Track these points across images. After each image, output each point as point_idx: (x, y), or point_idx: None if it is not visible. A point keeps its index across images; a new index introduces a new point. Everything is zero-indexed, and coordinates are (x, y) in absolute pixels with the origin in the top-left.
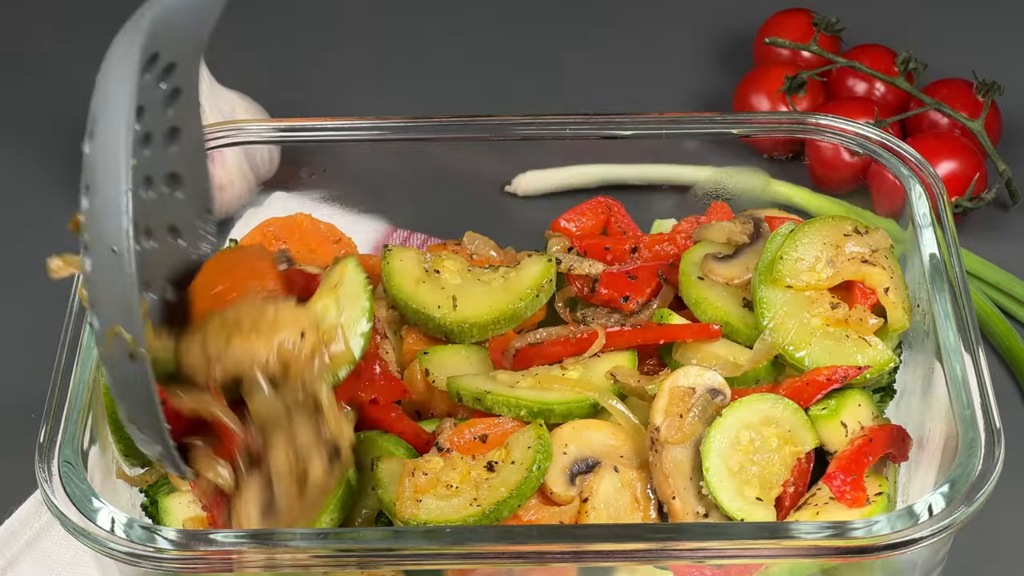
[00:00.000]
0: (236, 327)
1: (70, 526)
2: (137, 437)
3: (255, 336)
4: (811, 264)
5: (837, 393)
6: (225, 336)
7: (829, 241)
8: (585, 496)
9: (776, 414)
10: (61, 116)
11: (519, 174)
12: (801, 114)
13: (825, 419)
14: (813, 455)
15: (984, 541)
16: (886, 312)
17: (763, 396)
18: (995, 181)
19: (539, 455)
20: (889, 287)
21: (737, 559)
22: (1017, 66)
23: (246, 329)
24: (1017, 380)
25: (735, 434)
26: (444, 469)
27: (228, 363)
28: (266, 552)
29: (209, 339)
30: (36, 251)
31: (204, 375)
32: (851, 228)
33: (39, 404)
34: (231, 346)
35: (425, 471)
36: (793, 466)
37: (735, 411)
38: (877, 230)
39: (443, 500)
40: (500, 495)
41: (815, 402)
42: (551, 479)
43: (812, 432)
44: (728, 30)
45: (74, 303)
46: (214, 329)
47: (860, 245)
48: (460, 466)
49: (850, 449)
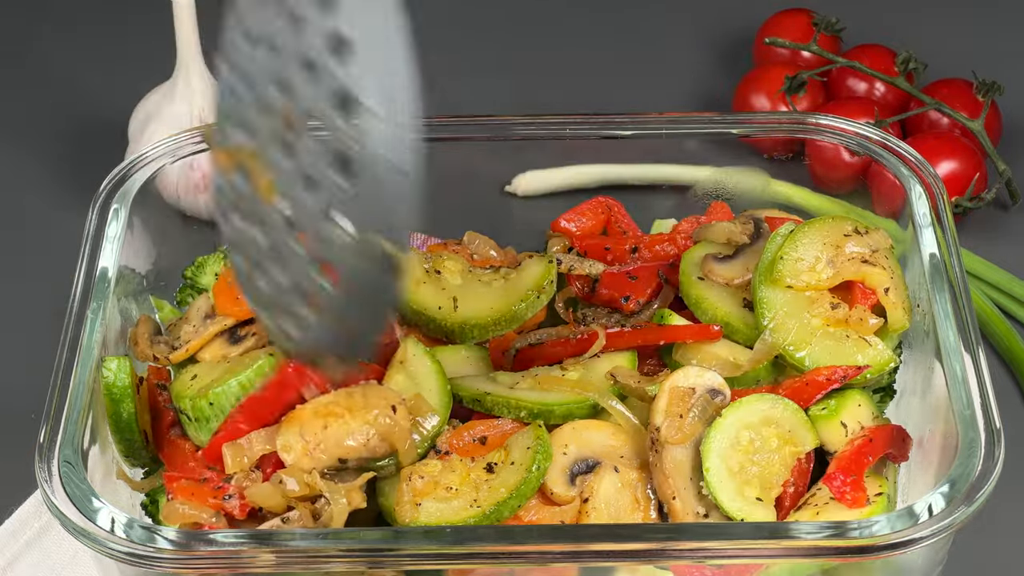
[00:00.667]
0: (330, 414)
1: (70, 526)
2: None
3: (350, 417)
4: (811, 264)
5: (837, 393)
6: (322, 423)
7: (829, 241)
8: (585, 496)
9: (776, 414)
10: (61, 116)
11: (519, 174)
12: (801, 114)
13: (825, 419)
14: (813, 455)
15: (984, 541)
16: (886, 312)
17: (763, 396)
18: (995, 181)
19: (539, 455)
20: (889, 287)
21: (737, 559)
22: (1017, 66)
23: (341, 413)
24: (1017, 380)
25: (735, 434)
26: (443, 472)
27: (330, 445)
28: (266, 552)
29: (306, 428)
30: (36, 251)
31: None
32: (851, 228)
33: (39, 404)
34: (329, 430)
35: (422, 474)
36: (793, 466)
37: (735, 411)
38: (877, 230)
39: (443, 503)
40: (500, 496)
41: (815, 402)
42: (551, 479)
43: (812, 432)
44: (728, 30)
45: (74, 303)
46: (308, 418)
47: (860, 245)
48: (459, 468)
49: (850, 449)
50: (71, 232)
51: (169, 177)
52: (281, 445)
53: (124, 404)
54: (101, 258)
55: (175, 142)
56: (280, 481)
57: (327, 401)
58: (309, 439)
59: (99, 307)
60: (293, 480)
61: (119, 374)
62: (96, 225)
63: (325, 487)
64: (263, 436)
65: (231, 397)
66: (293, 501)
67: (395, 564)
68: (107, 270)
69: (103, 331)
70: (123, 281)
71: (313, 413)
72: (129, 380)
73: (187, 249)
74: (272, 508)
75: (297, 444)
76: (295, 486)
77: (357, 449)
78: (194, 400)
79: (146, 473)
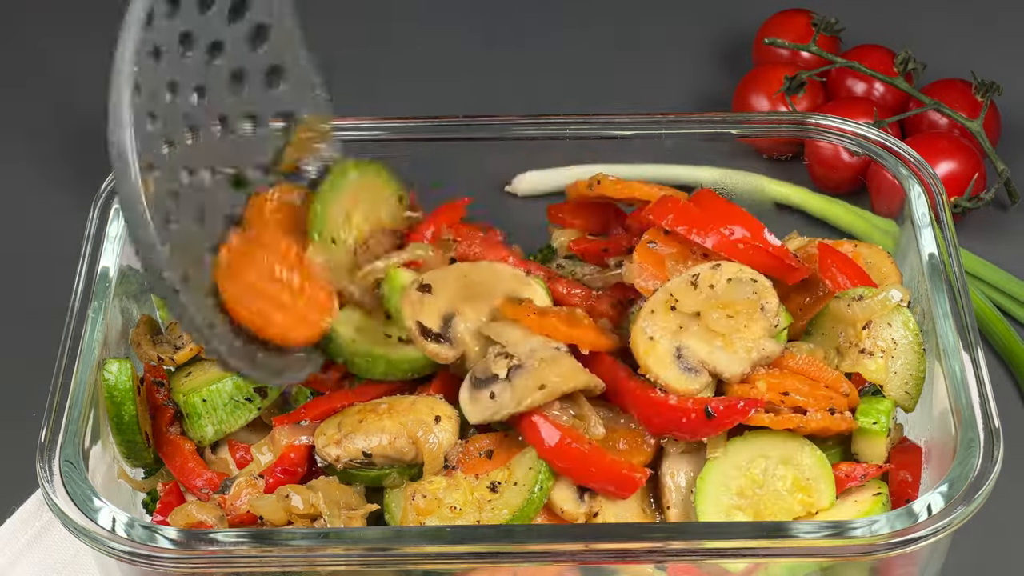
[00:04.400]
0: (372, 411)
1: (71, 525)
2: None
3: (388, 417)
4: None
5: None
6: (359, 417)
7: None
8: (595, 511)
9: (801, 459)
10: (61, 116)
11: (519, 174)
12: (800, 114)
13: (875, 434)
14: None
15: (984, 541)
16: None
17: (796, 437)
18: (994, 181)
19: (541, 475)
20: (884, 386)
21: (737, 559)
22: (1016, 66)
23: (382, 412)
24: (1016, 380)
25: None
26: (447, 490)
27: (359, 438)
28: (266, 551)
29: (345, 420)
30: (37, 251)
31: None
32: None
33: (40, 404)
34: (364, 424)
35: (425, 493)
36: (797, 517)
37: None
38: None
39: (446, 523)
40: (503, 517)
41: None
42: (560, 498)
43: (831, 491)
44: (728, 30)
45: (75, 303)
46: (352, 412)
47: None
48: (464, 486)
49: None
50: (72, 232)
51: None
52: (318, 431)
53: (125, 406)
54: (102, 258)
55: None
56: (286, 496)
57: (378, 401)
58: (344, 430)
59: (100, 306)
60: (299, 497)
61: (120, 377)
62: (97, 225)
63: (326, 510)
64: (287, 431)
65: (224, 395)
66: (293, 517)
67: (395, 564)
68: (108, 270)
69: (104, 331)
70: (124, 281)
71: (360, 409)
72: (130, 383)
73: None
74: (273, 521)
75: (332, 432)
76: (299, 503)
77: (383, 447)
78: (187, 396)
79: (147, 473)
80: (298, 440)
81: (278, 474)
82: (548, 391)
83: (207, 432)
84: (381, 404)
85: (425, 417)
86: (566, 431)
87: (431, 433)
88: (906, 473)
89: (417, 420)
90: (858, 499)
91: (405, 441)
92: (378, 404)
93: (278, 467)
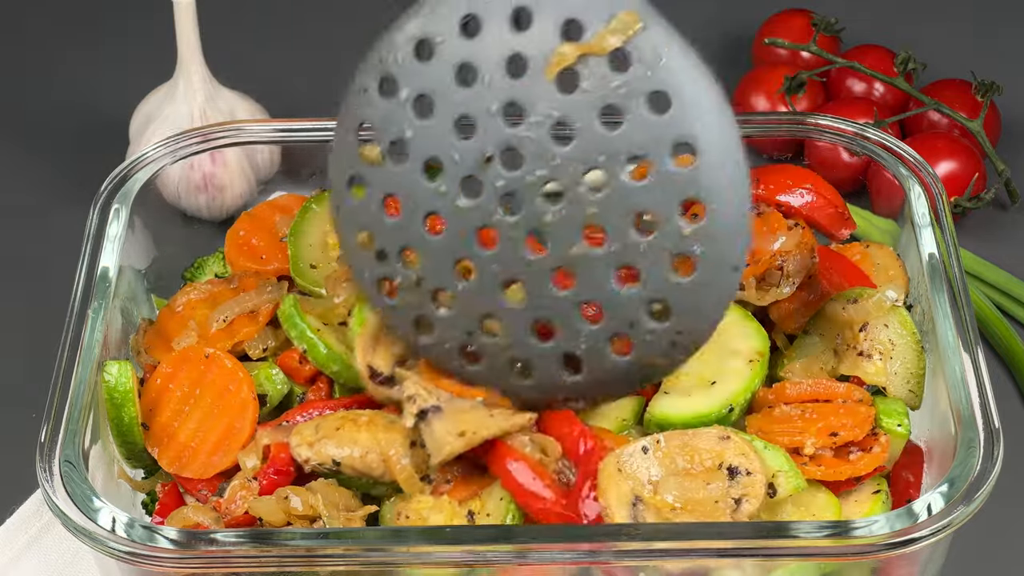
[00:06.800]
0: (353, 420)
1: (71, 525)
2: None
3: (365, 430)
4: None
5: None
6: (338, 424)
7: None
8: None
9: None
10: (62, 116)
11: None
12: (800, 114)
13: (899, 436)
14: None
15: (984, 541)
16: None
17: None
18: (994, 181)
19: (511, 507)
20: (887, 387)
21: (737, 559)
22: (1016, 66)
23: (361, 424)
24: (1016, 380)
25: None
26: (432, 512)
27: (331, 445)
28: (266, 551)
29: (323, 424)
30: (36, 251)
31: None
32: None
33: (40, 404)
34: (340, 432)
35: (408, 514)
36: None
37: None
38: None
39: None
40: None
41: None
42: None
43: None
44: (728, 30)
45: (75, 303)
46: (332, 418)
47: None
48: (447, 510)
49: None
50: (72, 232)
51: (170, 177)
52: (296, 429)
53: (126, 408)
54: (102, 258)
55: (176, 142)
56: (285, 497)
57: (360, 412)
58: (320, 432)
59: (100, 307)
60: (298, 499)
61: (120, 379)
62: (97, 225)
63: (325, 512)
64: (269, 432)
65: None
66: (292, 518)
67: (395, 564)
68: (108, 270)
69: (104, 331)
70: (124, 281)
71: (342, 416)
72: (130, 384)
73: (187, 249)
74: (272, 522)
75: (309, 434)
76: (298, 505)
77: (352, 459)
78: None
79: (147, 473)
80: (283, 439)
81: (271, 475)
82: (467, 439)
83: None
84: (362, 416)
85: (401, 438)
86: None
87: (404, 455)
88: (908, 473)
89: (391, 440)
90: (858, 499)
91: (376, 457)
92: (359, 415)
93: (270, 468)
